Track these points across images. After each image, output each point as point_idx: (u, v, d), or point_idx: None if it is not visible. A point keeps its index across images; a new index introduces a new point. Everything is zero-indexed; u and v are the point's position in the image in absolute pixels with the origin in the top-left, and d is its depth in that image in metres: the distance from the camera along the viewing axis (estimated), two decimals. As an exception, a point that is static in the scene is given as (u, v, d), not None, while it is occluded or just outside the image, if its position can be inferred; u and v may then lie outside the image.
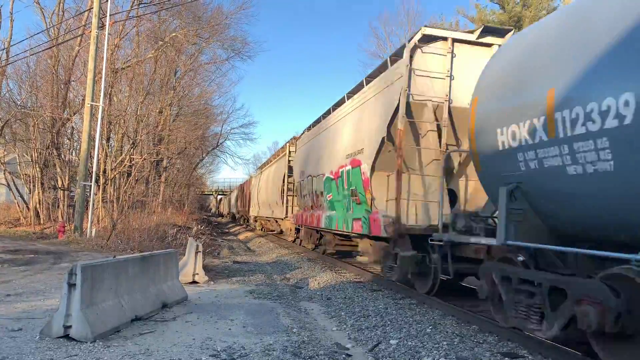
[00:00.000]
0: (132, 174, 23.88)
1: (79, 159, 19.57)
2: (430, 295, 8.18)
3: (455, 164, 8.98)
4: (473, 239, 6.80)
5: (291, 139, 21.11)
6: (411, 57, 8.57)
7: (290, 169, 19.70)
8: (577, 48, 4.80)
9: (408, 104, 8.49)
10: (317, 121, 15.58)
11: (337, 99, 13.45)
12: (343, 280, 10.70)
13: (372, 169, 9.29)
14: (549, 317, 5.11)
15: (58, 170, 24.15)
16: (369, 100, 10.32)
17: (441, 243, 7.34)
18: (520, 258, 5.61)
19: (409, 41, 8.68)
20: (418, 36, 8.64)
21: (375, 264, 11.73)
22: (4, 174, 25.28)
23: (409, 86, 8.47)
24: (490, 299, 6.07)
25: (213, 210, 78.30)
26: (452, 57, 8.71)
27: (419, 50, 8.64)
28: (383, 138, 8.92)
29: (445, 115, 8.64)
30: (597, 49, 4.49)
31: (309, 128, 17.05)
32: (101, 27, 18.72)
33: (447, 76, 8.68)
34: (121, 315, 5.86)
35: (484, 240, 6.47)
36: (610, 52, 4.34)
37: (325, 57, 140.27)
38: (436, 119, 8.65)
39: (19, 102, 25.55)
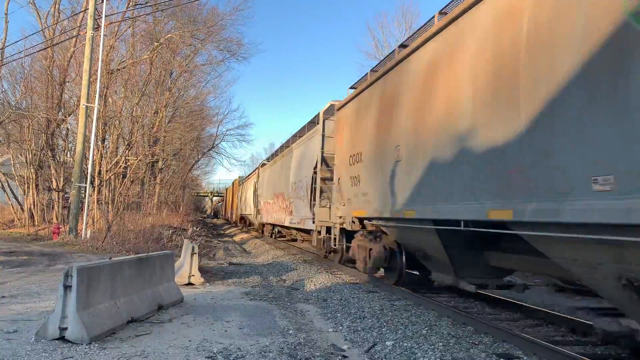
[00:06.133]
0: (127, 175, 23.84)
1: (74, 161, 19.51)
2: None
3: None
4: None
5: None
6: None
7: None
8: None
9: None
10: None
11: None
12: (339, 281, 10.72)
13: None
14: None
15: (53, 171, 24.07)
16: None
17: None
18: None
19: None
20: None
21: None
22: (-2, 175, 25.15)
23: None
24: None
25: (209, 212, 77.99)
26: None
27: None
28: None
29: None
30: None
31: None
32: (96, 28, 18.68)
33: None
34: (117, 317, 5.85)
35: None
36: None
37: (322, 58, 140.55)
38: None
39: (13, 103, 25.45)
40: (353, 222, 10.43)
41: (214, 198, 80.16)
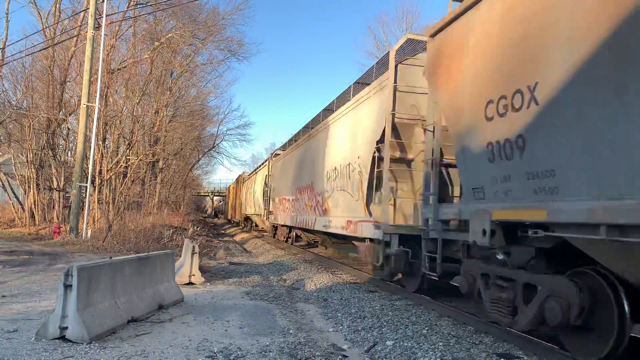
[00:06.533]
0: (128, 175, 23.85)
1: (75, 160, 19.52)
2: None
3: None
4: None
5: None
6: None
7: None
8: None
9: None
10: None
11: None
12: (339, 281, 10.72)
13: None
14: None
15: (53, 171, 24.10)
16: None
17: None
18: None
19: None
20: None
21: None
22: (-1, 174, 25.17)
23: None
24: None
25: (209, 211, 77.98)
26: None
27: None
28: None
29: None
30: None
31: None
32: (97, 27, 18.69)
33: None
34: (117, 317, 5.85)
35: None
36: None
37: (322, 57, 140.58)
38: None
39: (14, 103, 25.48)
40: (491, 230, 5.54)
41: (215, 198, 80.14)
